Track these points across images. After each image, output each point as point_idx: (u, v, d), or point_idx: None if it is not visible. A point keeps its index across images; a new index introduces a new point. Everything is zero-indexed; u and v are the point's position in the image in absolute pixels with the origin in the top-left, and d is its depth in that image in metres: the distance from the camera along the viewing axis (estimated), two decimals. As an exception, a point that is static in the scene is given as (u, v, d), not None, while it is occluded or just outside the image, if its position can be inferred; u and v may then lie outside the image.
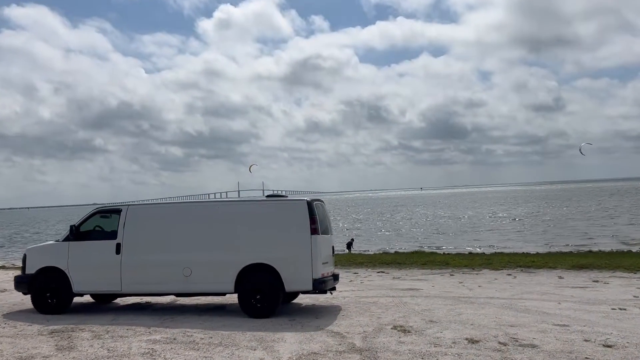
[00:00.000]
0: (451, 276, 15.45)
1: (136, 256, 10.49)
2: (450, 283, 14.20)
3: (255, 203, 10.72)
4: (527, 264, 16.85)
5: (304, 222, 10.18)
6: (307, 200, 10.42)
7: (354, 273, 16.81)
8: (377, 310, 10.63)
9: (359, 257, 20.74)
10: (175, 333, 8.82)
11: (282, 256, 10.10)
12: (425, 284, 14.11)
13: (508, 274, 15.43)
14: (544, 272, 15.51)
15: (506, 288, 13.09)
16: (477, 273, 15.79)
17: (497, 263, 17.36)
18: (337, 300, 12.08)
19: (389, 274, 16.36)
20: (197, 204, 10.98)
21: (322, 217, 10.93)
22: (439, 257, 19.74)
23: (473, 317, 9.70)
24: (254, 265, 10.15)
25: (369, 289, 13.65)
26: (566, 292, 12.23)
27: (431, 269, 17.09)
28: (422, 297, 12.09)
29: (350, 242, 28.99)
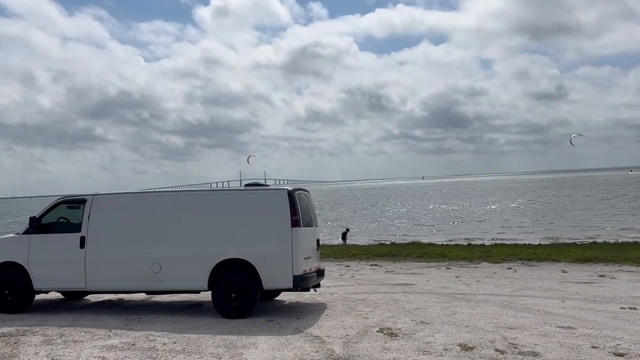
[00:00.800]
0: (447, 270, 14.57)
1: (102, 250, 9.62)
2: (446, 277, 13.32)
3: (232, 193, 9.81)
4: (529, 256, 15.97)
5: (284, 214, 9.29)
6: (287, 189, 9.51)
7: (345, 266, 15.94)
8: (365, 309, 9.77)
9: (352, 248, 19.87)
10: (137, 337, 7.96)
11: (260, 251, 9.23)
12: (419, 279, 13.23)
13: (508, 267, 14.55)
14: (546, 266, 14.62)
15: (506, 283, 12.20)
16: (476, 266, 14.92)
17: (497, 255, 16.47)
18: (324, 297, 11.23)
19: (382, 267, 15.49)
20: (168, 193, 10.06)
21: (306, 208, 10.04)
22: (436, 248, 18.86)
23: (468, 318, 8.83)
24: (229, 261, 9.28)
25: (360, 284, 12.79)
26: (570, 288, 11.34)
27: (427, 261, 16.22)
28: (414, 294, 11.22)
29: (345, 232, 28.15)
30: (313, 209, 10.71)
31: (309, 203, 10.38)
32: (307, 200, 10.27)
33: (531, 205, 56.23)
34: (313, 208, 10.77)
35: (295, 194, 9.54)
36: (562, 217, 40.65)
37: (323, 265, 11.52)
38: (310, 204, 10.54)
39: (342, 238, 27.31)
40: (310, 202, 10.58)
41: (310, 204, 10.54)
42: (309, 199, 10.58)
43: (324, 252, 18.83)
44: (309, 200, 10.55)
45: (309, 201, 10.47)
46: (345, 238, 27.15)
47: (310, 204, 10.54)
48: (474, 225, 37.84)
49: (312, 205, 10.72)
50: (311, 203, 10.73)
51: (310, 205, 10.48)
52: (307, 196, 10.45)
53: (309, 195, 10.84)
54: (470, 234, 31.89)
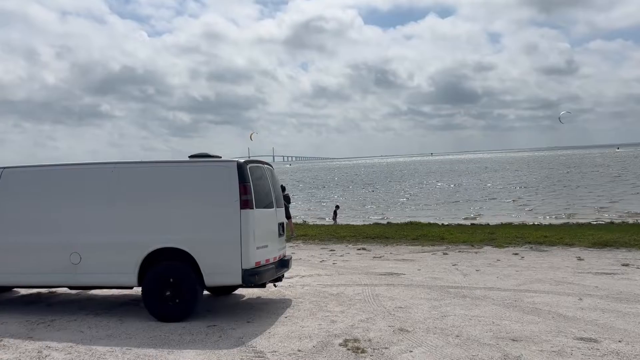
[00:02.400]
0: (444, 255, 12.70)
1: (8, 236, 7.82)
2: (442, 265, 11.45)
3: (168, 166, 7.88)
4: (538, 239, 14.04)
5: (231, 192, 7.42)
6: (237, 162, 7.61)
7: (330, 250, 14.12)
8: (336, 308, 7.96)
9: (343, 229, 18.03)
10: (30, 350, 6.19)
11: (202, 238, 7.39)
12: (410, 267, 11.38)
13: (514, 253, 12.65)
14: (559, 251, 12.69)
15: (511, 274, 10.32)
16: (477, 251, 13.02)
17: (502, 238, 14.56)
18: (294, 290, 9.44)
19: (370, 252, 13.64)
20: (91, 166, 8.17)
21: (265, 186, 8.16)
22: (434, 229, 16.98)
23: (461, 323, 6.99)
24: (164, 251, 7.45)
25: (340, 273, 10.96)
26: (588, 281, 9.44)
27: (422, 245, 14.35)
28: (400, 287, 9.38)
29: (335, 210, 25.98)
30: (277, 188, 8.84)
31: (271, 180, 8.50)
32: (267, 176, 8.38)
33: (542, 182, 54.05)
34: (277, 186, 8.89)
35: (248, 167, 7.64)
36: (574, 195, 38.53)
37: (289, 253, 9.69)
38: (273, 182, 8.67)
39: (333, 217, 25.35)
40: (273, 180, 8.71)
41: (273, 182, 8.67)
42: (272, 175, 8.70)
43: (311, 234, 17.05)
44: (272, 176, 8.67)
45: (271, 178, 8.58)
46: (336, 216, 25.18)
47: (273, 182, 8.67)
48: (480, 204, 35.89)
49: (276, 183, 8.85)
50: (275, 180, 8.85)
51: (273, 183, 8.61)
52: (269, 172, 8.56)
53: (273, 170, 8.95)
54: (475, 212, 29.98)
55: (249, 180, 7.52)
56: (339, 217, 25.64)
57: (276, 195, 8.69)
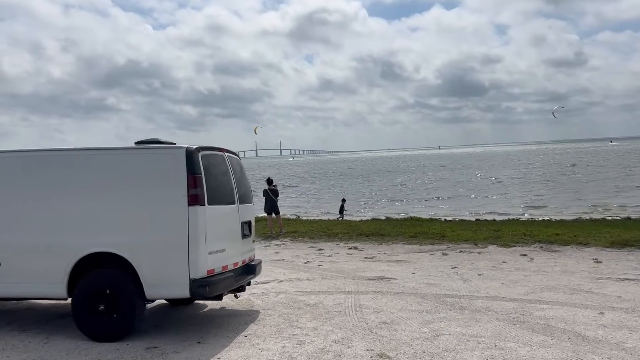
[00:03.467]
0: (443, 256, 11.36)
1: None
2: (440, 268, 10.13)
3: (104, 154, 6.58)
4: (549, 237, 12.66)
5: (178, 186, 6.13)
6: (186, 148, 6.31)
7: (318, 250, 12.82)
8: (309, 323, 6.68)
9: (337, 225, 16.71)
10: None
11: (142, 241, 6.11)
12: (403, 270, 10.07)
13: (522, 253, 11.28)
14: (573, 252, 11.32)
15: (518, 279, 8.98)
16: (480, 251, 11.67)
17: (509, 236, 13.19)
18: (266, 298, 8.20)
19: (361, 252, 12.33)
20: (12, 154, 6.90)
21: (223, 177, 6.87)
22: (435, 226, 15.62)
23: (456, 346, 5.69)
24: (97, 256, 6.19)
25: (324, 277, 9.67)
26: (609, 289, 8.09)
27: (420, 243, 13.01)
28: (389, 296, 8.09)
29: (342, 204, 24.33)
30: (244, 181, 7.55)
31: (235, 172, 7.19)
32: (229, 167, 7.07)
33: (551, 176, 52.44)
34: (244, 179, 7.59)
35: (200, 156, 6.34)
36: (586, 189, 36.96)
37: (259, 256, 8.42)
38: (239, 174, 7.37)
39: (339, 212, 23.66)
40: (239, 171, 7.41)
41: (239, 174, 7.37)
42: (237, 167, 7.39)
43: (302, 230, 15.77)
44: (237, 168, 7.36)
45: (236, 169, 7.28)
46: (343, 212, 23.46)
47: (239, 174, 7.37)
48: (486, 199, 34.45)
49: (242, 176, 7.54)
50: (242, 172, 7.55)
51: (238, 175, 7.30)
52: (232, 162, 7.25)
53: (239, 161, 7.64)
54: (482, 207, 28.55)
55: (200, 170, 6.22)
56: (347, 211, 24.00)
57: (243, 189, 7.40)
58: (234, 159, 7.39)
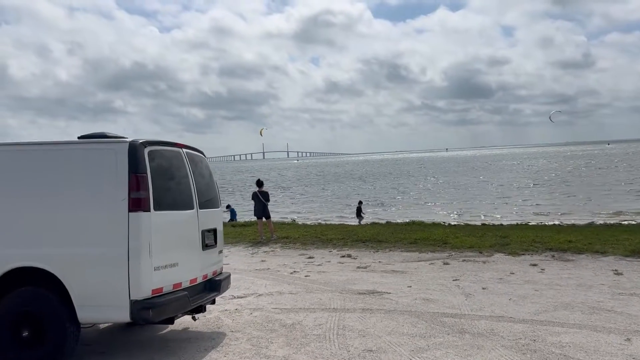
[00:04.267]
0: (444, 266, 10.26)
1: None
2: (439, 280, 9.04)
3: (31, 150, 5.55)
4: (561, 245, 11.53)
5: (118, 187, 5.11)
6: (130, 143, 5.29)
7: (308, 258, 11.75)
8: (280, 350, 5.64)
9: (332, 230, 15.62)
10: None
11: (74, 254, 5.09)
12: (399, 282, 8.99)
13: (532, 263, 10.16)
14: (588, 261, 10.18)
15: (528, 294, 7.88)
16: (485, 261, 10.56)
17: (517, 243, 12.07)
18: (239, 316, 7.19)
19: (355, 260, 11.25)
20: None
21: (179, 178, 5.84)
22: (438, 231, 14.51)
23: (453, 385, 4.62)
24: (20, 272, 5.17)
25: (309, 290, 8.62)
26: (635, 308, 6.97)
27: (420, 250, 11.91)
28: (379, 314, 7.03)
29: (359, 206, 22.78)
30: (208, 182, 6.52)
31: (195, 171, 6.15)
32: (188, 166, 6.03)
33: (562, 178, 51.12)
34: (208, 180, 6.56)
35: (148, 152, 5.32)
36: (597, 192, 35.70)
37: (242, 265, 7.38)
38: (201, 174, 6.34)
39: (357, 215, 22.27)
40: (201, 171, 6.38)
41: (201, 174, 6.34)
42: (200, 165, 6.35)
43: (294, 236, 14.73)
44: (199, 167, 6.32)
45: (198, 169, 6.24)
46: (360, 215, 22.03)
47: (201, 174, 6.34)
48: (494, 201, 33.26)
49: (206, 176, 6.51)
50: (205, 172, 6.52)
51: (200, 175, 6.27)
52: (193, 160, 6.21)
53: (202, 159, 6.60)
54: (488, 211, 27.41)
55: (145, 169, 5.20)
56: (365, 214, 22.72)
57: (206, 192, 6.37)
58: (196, 157, 6.35)
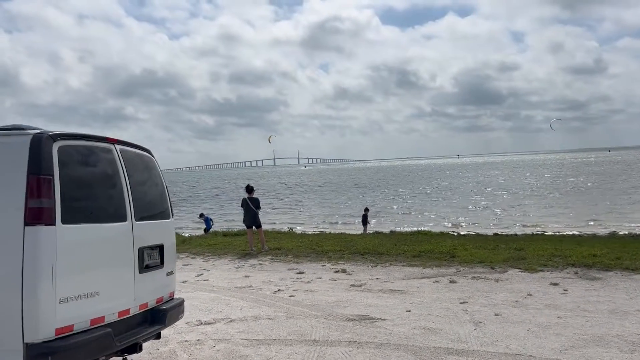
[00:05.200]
0: (451, 284, 8.93)
1: None
2: (445, 302, 7.72)
3: None
4: (585, 259, 10.15)
5: (12, 194, 3.89)
6: (33, 136, 4.07)
7: (297, 273, 10.48)
8: (233, 403, 4.36)
9: (329, 240, 14.31)
10: None
11: None
12: (397, 304, 7.68)
13: (553, 282, 8.79)
14: (619, 280, 8.80)
15: (550, 322, 6.54)
16: (498, 279, 9.21)
17: (534, 257, 10.72)
18: (200, 349, 5.97)
19: (350, 276, 9.95)
20: None
21: (105, 182, 4.59)
22: (445, 242, 13.16)
23: None
24: None
25: (289, 315, 7.34)
26: (685, 345, 5.62)
27: (424, 266, 10.58)
28: (370, 349, 5.74)
29: (365, 214, 21.32)
30: (151, 187, 5.28)
31: (130, 173, 4.87)
32: (119, 165, 4.75)
33: (580, 185, 49.41)
34: (151, 184, 5.32)
35: (57, 147, 4.08)
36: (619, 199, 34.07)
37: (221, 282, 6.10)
38: (141, 176, 5.10)
39: (362, 223, 20.94)
40: (141, 172, 5.13)
41: (141, 176, 5.10)
42: (136, 165, 5.08)
43: (287, 247, 13.46)
44: (136, 167, 5.05)
45: (132, 169, 4.94)
46: (366, 223, 20.71)
47: (141, 176, 5.10)
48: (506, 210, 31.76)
49: (146, 179, 5.27)
50: (146, 174, 5.28)
51: (137, 177, 5.01)
52: (125, 158, 4.91)
53: (142, 157, 5.32)
54: (501, 219, 25.96)
55: (51, 170, 3.96)
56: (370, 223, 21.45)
57: (148, 200, 5.13)
58: (135, 156, 5.10)
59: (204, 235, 17.77)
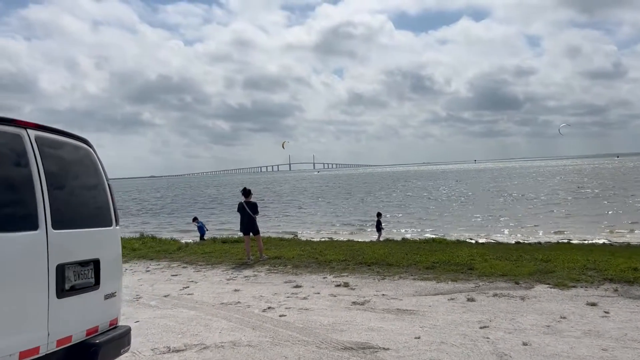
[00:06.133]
0: (469, 303, 7.66)
1: None
2: (461, 327, 6.47)
3: None
4: (624, 274, 8.81)
5: None
6: None
7: (294, 287, 9.29)
8: None
9: (332, 250, 13.07)
10: None
11: None
12: (404, 328, 6.46)
13: (590, 301, 7.47)
14: (668, 300, 7.45)
15: (592, 356, 5.27)
16: (524, 296, 7.92)
17: (564, 270, 9.41)
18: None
19: (353, 291, 8.74)
20: None
21: (12, 176, 3.48)
22: (462, 252, 11.88)
23: None
24: None
25: (274, 342, 6.16)
26: None
27: (437, 279, 9.32)
28: (364, 393, 4.52)
29: (378, 219, 19.97)
30: (86, 186, 4.17)
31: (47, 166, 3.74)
32: (31, 156, 3.62)
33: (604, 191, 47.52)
34: (86, 183, 4.22)
35: None
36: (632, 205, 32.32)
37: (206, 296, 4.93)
38: (65, 171, 3.99)
39: (377, 229, 19.63)
40: (66, 167, 4.02)
41: (65, 171, 3.99)
42: (58, 157, 3.95)
43: (288, 256, 12.30)
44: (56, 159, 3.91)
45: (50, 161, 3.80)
46: (380, 229, 19.42)
47: (65, 171, 3.99)
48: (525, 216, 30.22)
49: (81, 176, 4.17)
50: (82, 170, 4.18)
51: (59, 173, 3.90)
52: (43, 147, 3.78)
53: (73, 148, 4.20)
54: (519, 225, 24.49)
55: None
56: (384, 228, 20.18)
57: (79, 202, 4.02)
58: (56, 144, 3.97)
59: (200, 242, 16.72)
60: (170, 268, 11.93)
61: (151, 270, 11.77)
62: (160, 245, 15.51)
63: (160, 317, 7.52)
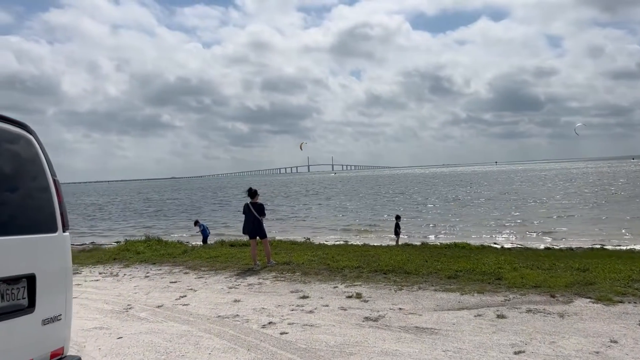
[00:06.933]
0: (499, 320, 6.64)
1: None
2: (491, 350, 5.47)
3: None
4: (676, 286, 7.69)
5: None
6: None
7: (300, 297, 8.37)
8: None
9: (345, 255, 12.08)
10: None
11: None
12: (423, 352, 5.48)
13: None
14: None
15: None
16: (562, 313, 6.87)
17: (606, 281, 8.32)
18: None
19: (365, 304, 7.77)
20: None
21: None
22: (488, 259, 10.84)
23: None
24: None
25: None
26: None
27: (461, 291, 8.29)
28: None
29: (397, 222, 18.94)
30: (17, 180, 3.32)
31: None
32: None
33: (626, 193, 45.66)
34: (19, 176, 3.36)
35: None
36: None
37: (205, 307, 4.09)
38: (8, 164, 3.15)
39: (395, 232, 18.62)
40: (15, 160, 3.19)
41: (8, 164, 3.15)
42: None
43: (298, 262, 11.38)
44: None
45: None
46: (399, 232, 18.42)
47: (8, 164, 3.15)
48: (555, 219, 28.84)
49: (15, 167, 3.31)
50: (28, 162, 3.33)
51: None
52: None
53: (11, 135, 3.37)
54: (549, 228, 23.21)
55: None
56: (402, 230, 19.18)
57: (6, 201, 3.17)
58: None
59: (205, 246, 15.92)
60: (171, 274, 11.12)
61: (150, 276, 10.96)
62: (165, 249, 14.74)
63: (147, 333, 6.67)
